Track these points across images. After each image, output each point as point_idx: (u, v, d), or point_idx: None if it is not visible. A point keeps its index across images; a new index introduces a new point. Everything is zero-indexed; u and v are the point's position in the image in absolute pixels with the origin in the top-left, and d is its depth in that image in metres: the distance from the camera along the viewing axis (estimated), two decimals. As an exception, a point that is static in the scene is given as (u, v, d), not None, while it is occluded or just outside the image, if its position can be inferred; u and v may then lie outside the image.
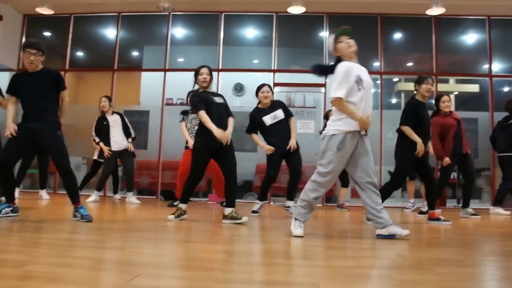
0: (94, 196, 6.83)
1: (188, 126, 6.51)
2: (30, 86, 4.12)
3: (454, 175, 8.18)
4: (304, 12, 8.09)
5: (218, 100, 4.68)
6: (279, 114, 5.58)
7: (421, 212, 6.36)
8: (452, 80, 12.22)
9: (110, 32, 9.69)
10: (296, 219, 3.59)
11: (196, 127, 4.85)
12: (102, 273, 2.13)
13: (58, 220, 4.23)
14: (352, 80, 3.47)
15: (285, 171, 5.96)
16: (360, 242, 3.54)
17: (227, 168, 4.56)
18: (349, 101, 3.48)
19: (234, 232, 3.84)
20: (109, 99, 7.24)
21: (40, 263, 2.22)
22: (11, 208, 4.15)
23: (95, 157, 7.57)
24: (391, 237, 3.50)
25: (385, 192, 4.87)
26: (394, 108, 12.20)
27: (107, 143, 6.99)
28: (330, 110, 6.57)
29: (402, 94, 13.00)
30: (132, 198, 7.09)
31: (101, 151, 7.10)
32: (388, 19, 8.99)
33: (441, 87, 10.61)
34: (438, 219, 5.03)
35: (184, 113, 6.74)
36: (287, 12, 8.21)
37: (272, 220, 5.20)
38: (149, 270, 2.18)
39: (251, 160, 8.77)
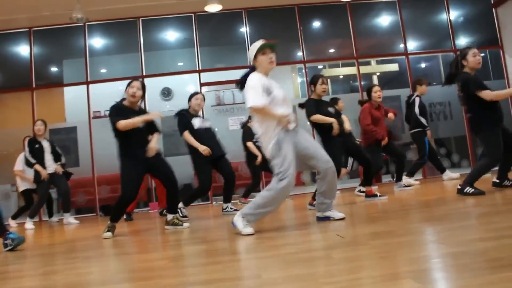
0: (29, 223, 6.56)
1: None
2: None
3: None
4: (222, 10, 8.09)
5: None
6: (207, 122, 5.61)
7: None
8: (373, 61, 12.74)
9: (23, 49, 9.21)
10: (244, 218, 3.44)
11: None
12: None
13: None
14: (261, 89, 3.49)
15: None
16: (301, 228, 3.60)
17: (166, 178, 4.47)
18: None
19: (175, 237, 3.79)
20: (45, 123, 6.93)
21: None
22: None
23: (24, 187, 7.28)
24: (326, 219, 3.64)
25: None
26: (322, 95, 12.52)
27: (42, 166, 6.72)
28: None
29: (328, 80, 13.38)
30: (70, 219, 6.81)
31: (35, 175, 6.76)
32: (305, 9, 9.20)
33: (363, 69, 11.04)
34: (375, 195, 5.24)
35: None
36: (205, 11, 8.18)
37: (213, 220, 5.18)
38: (87, 289, 2.10)
39: (188, 163, 8.69)
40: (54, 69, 10.24)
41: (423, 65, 12.35)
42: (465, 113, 4.61)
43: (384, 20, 9.86)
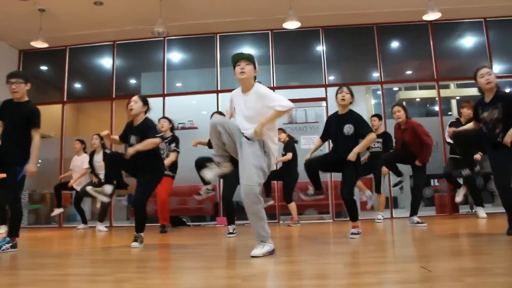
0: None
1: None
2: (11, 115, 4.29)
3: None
4: (300, 27, 8.02)
5: (132, 141, 4.56)
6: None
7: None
8: (452, 85, 12.17)
9: (106, 62, 9.65)
10: None
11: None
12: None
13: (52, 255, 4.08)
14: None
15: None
16: (375, 256, 3.39)
17: None
18: None
19: (245, 254, 3.68)
20: (101, 137, 7.47)
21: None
22: (10, 244, 4.17)
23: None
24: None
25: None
26: (396, 117, 12.11)
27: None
28: None
29: (404, 103, 12.92)
30: (99, 227, 7.23)
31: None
32: (384, 28, 8.94)
33: (442, 92, 10.51)
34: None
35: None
36: (283, 28, 8.14)
37: (280, 240, 5.03)
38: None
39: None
40: (132, 81, 10.62)
41: (507, 89, 11.61)
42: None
43: (469, 41, 9.36)
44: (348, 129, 4.68)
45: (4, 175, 4.19)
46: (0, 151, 4.24)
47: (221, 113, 6.23)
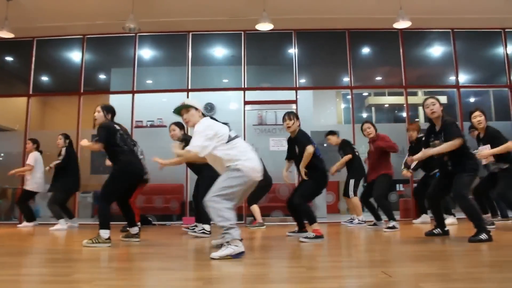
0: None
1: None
2: None
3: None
4: (272, 29, 8.03)
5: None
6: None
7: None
8: (420, 92, 12.42)
9: (75, 55, 9.44)
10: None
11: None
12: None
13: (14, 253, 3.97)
14: None
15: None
16: (338, 260, 3.42)
17: None
18: None
19: (207, 256, 3.66)
20: (65, 136, 7.46)
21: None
22: None
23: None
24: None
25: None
26: (365, 122, 12.28)
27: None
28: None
29: (373, 108, 13.13)
30: (56, 226, 6.99)
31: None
32: (355, 34, 9.05)
33: (410, 99, 10.73)
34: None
35: None
36: (256, 30, 8.14)
37: (245, 242, 5.02)
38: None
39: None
40: (102, 76, 10.43)
41: (472, 99, 11.94)
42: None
43: (437, 50, 9.58)
44: (298, 148, 5.09)
45: None
46: None
47: (178, 124, 6.07)
